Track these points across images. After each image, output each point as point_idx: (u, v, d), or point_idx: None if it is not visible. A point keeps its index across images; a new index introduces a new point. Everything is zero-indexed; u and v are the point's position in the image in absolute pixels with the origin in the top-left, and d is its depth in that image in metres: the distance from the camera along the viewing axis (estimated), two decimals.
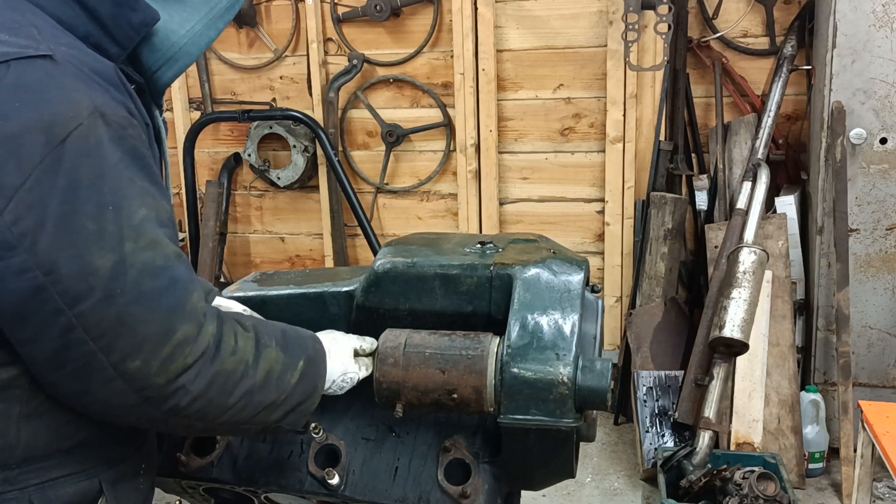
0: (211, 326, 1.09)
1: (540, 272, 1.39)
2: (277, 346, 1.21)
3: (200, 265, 4.17)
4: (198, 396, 1.07)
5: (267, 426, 1.22)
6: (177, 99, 4.23)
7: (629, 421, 3.72)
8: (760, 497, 2.72)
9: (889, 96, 3.20)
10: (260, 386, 1.16)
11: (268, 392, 1.17)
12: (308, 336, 1.31)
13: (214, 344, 1.09)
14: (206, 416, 1.11)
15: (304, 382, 1.24)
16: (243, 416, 1.15)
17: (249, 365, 1.14)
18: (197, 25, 1.19)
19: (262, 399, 1.17)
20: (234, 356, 1.12)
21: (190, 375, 1.06)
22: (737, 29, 3.65)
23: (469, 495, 1.38)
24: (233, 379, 1.12)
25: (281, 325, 1.29)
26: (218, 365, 1.09)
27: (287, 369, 1.21)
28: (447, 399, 1.32)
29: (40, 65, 0.99)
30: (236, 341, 1.13)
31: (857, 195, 3.29)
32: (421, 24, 3.92)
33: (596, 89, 3.81)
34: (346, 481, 1.44)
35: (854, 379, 3.30)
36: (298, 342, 1.27)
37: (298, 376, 1.22)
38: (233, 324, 1.15)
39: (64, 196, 0.97)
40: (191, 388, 1.06)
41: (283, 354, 1.21)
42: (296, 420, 1.26)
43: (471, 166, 3.95)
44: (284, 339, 1.24)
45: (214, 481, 1.49)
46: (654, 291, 3.68)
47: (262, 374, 1.16)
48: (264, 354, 1.17)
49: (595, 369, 1.30)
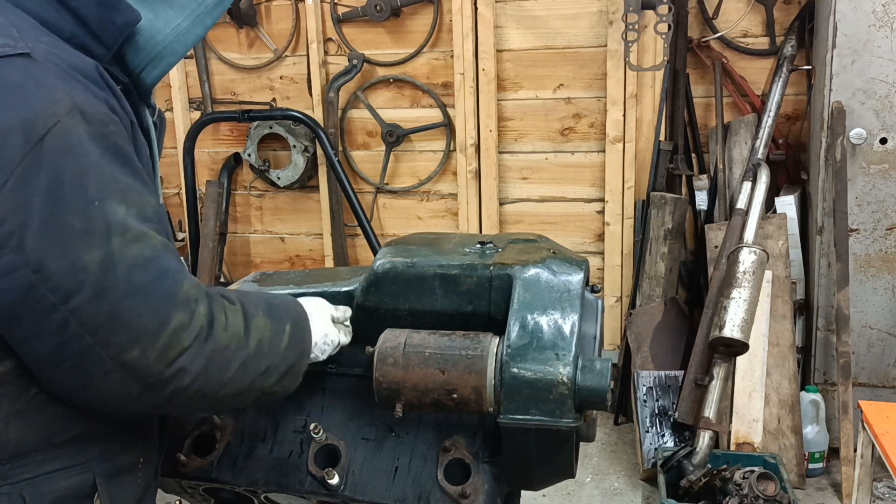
0: (202, 307, 1.10)
1: (540, 272, 1.39)
2: (264, 314, 1.23)
3: (200, 265, 4.17)
4: (197, 376, 1.09)
5: (264, 392, 1.24)
6: (177, 99, 4.23)
7: (629, 421, 3.72)
8: (760, 497, 2.72)
9: (889, 96, 3.20)
10: (254, 355, 1.18)
11: (262, 359, 1.20)
12: (291, 301, 1.35)
13: (207, 323, 1.11)
14: (207, 393, 1.13)
15: (294, 344, 1.27)
16: (242, 386, 1.18)
17: (242, 337, 1.16)
18: (183, 23, 1.19)
19: (257, 367, 1.19)
20: (227, 332, 1.14)
21: (188, 357, 1.08)
22: (737, 29, 3.65)
23: (469, 495, 1.38)
24: (228, 353, 1.14)
25: (264, 294, 1.32)
26: (213, 343, 1.11)
27: (276, 335, 1.24)
28: (447, 399, 1.32)
29: (18, 63, 0.99)
30: (227, 317, 1.15)
31: (857, 195, 3.29)
32: (421, 24, 3.92)
33: (596, 89, 3.81)
34: (346, 481, 1.44)
35: (854, 379, 3.30)
36: (283, 308, 1.29)
37: (287, 340, 1.26)
38: (220, 300, 1.17)
39: (47, 194, 0.97)
40: (190, 369, 1.08)
41: (271, 321, 1.23)
42: (290, 382, 1.29)
43: (471, 166, 3.95)
44: (269, 306, 1.26)
45: (214, 481, 1.49)
46: (654, 291, 3.68)
47: (254, 344, 1.18)
48: (254, 324, 1.19)
49: (595, 369, 1.30)
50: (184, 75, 4.22)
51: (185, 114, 4.25)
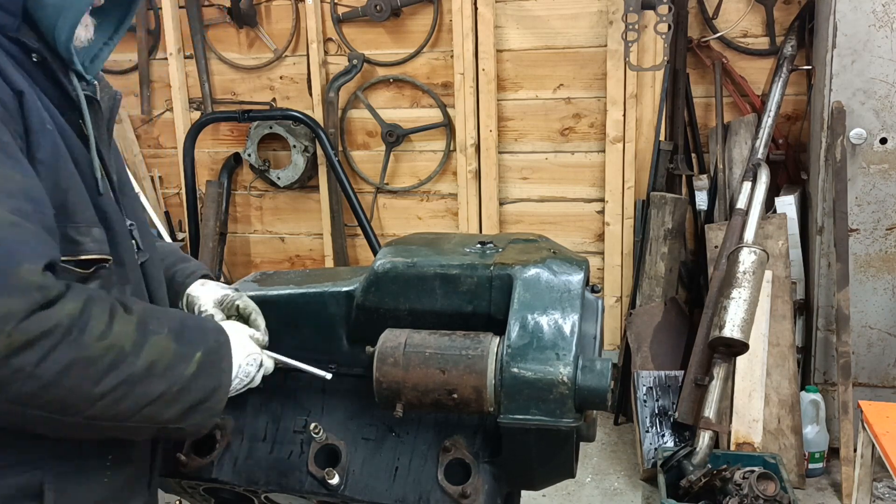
0: (70, 305, 1.00)
1: (540, 272, 1.39)
2: (171, 334, 1.12)
3: None
4: (49, 384, 0.97)
5: (163, 425, 1.13)
6: (177, 99, 4.23)
7: (629, 421, 3.72)
8: (760, 497, 2.72)
9: (889, 96, 3.20)
10: (142, 375, 1.06)
11: (154, 383, 1.08)
12: (212, 328, 1.24)
13: (70, 325, 0.99)
14: (69, 407, 1.01)
15: (205, 376, 1.15)
16: (124, 410, 1.06)
17: (127, 351, 1.05)
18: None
19: (146, 391, 1.07)
20: (103, 341, 1.02)
21: (30, 358, 0.96)
22: (737, 29, 3.65)
23: (469, 495, 1.38)
24: (100, 366, 1.02)
25: (181, 314, 1.22)
26: (77, 349, 0.99)
27: (180, 360, 1.12)
28: (447, 399, 1.32)
29: None
30: (110, 325, 1.04)
31: (857, 195, 3.29)
32: (421, 24, 3.92)
33: (596, 89, 3.81)
34: (346, 481, 1.44)
35: (854, 379, 3.30)
36: (198, 333, 1.19)
37: (195, 368, 1.14)
38: (110, 306, 1.06)
39: None
40: (36, 373, 0.96)
41: (177, 344, 1.12)
42: (201, 420, 1.17)
43: (471, 166, 3.95)
44: (182, 328, 1.15)
45: (214, 481, 1.49)
46: (654, 291, 3.68)
47: (144, 363, 1.07)
48: (150, 341, 1.08)
49: (595, 369, 1.30)
50: (184, 75, 4.22)
51: (185, 114, 4.25)
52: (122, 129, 4.38)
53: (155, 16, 4.21)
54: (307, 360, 1.49)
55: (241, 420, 1.51)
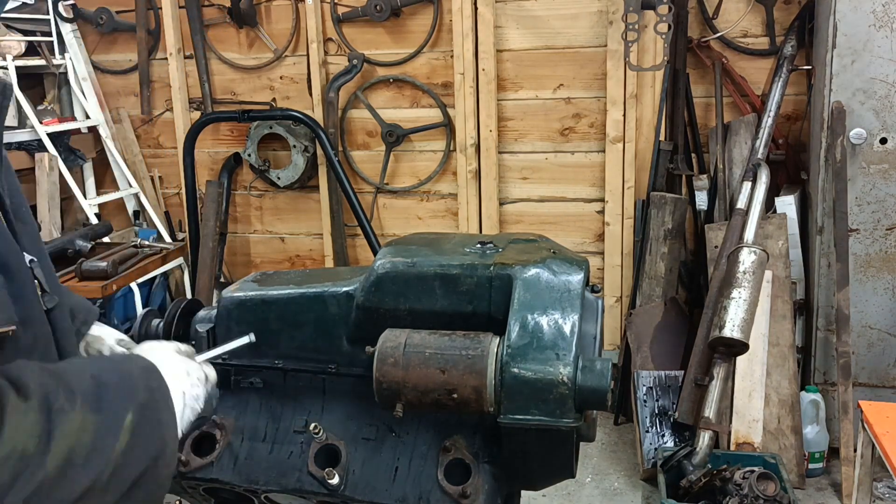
0: None
1: (540, 272, 1.39)
2: (85, 404, 0.86)
3: (200, 265, 4.17)
4: None
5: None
6: (177, 99, 4.23)
7: (629, 421, 3.72)
8: (760, 497, 2.72)
9: (889, 96, 3.20)
10: (57, 476, 0.81)
11: (76, 479, 0.83)
12: (138, 372, 0.98)
13: None
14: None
15: (143, 441, 0.91)
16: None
17: (31, 453, 0.79)
18: None
19: (67, 493, 0.83)
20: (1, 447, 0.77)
21: None
22: (737, 29, 3.65)
23: (469, 495, 1.38)
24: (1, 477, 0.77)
25: (95, 367, 0.95)
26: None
27: (105, 435, 0.87)
28: (447, 399, 1.32)
29: None
30: (5, 424, 0.78)
31: (857, 195, 3.29)
32: (421, 24, 3.92)
33: (596, 89, 3.81)
34: (346, 481, 1.44)
35: (854, 379, 3.30)
36: (121, 388, 0.92)
37: (128, 437, 0.89)
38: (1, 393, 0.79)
39: None
40: None
41: (96, 415, 0.87)
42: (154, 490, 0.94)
43: (471, 166, 3.95)
44: (98, 390, 0.89)
45: (214, 481, 1.49)
46: (654, 291, 3.68)
47: (58, 460, 0.81)
48: (60, 428, 0.82)
49: (595, 369, 1.30)
50: (184, 75, 4.22)
51: (185, 114, 4.25)
52: (122, 130, 4.38)
53: (155, 16, 4.21)
54: (307, 360, 1.49)
55: (241, 420, 1.51)
